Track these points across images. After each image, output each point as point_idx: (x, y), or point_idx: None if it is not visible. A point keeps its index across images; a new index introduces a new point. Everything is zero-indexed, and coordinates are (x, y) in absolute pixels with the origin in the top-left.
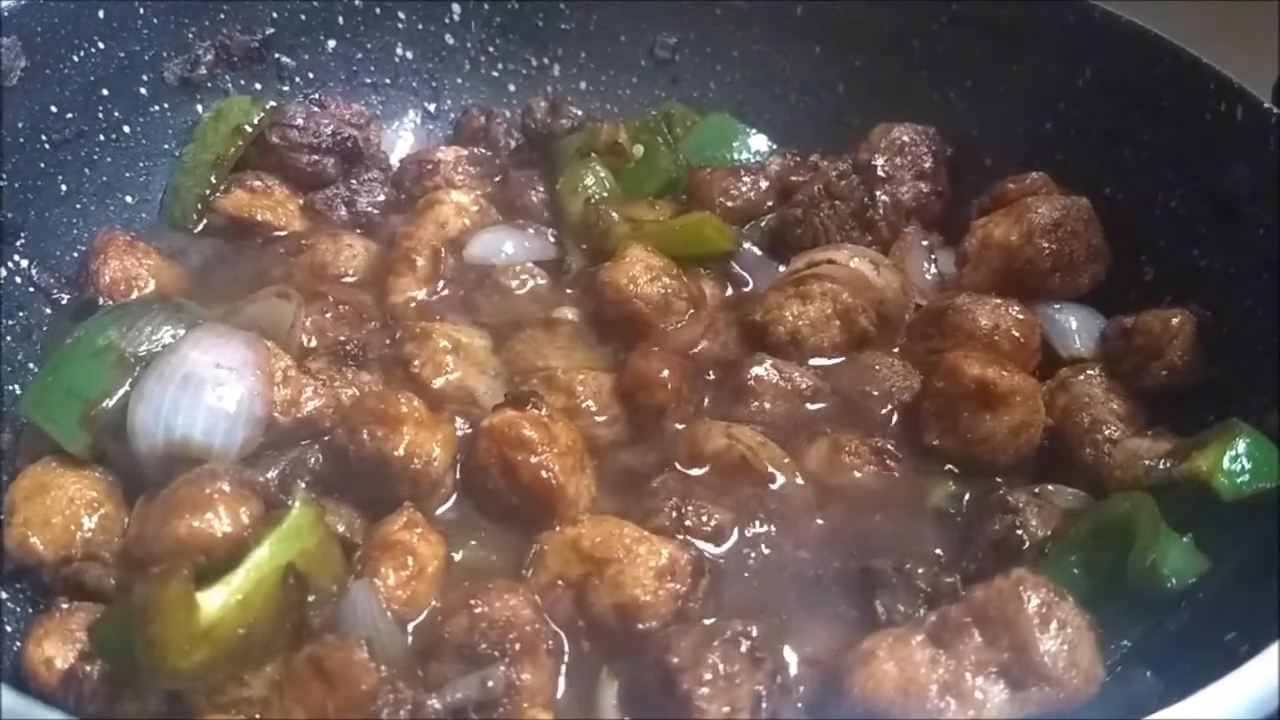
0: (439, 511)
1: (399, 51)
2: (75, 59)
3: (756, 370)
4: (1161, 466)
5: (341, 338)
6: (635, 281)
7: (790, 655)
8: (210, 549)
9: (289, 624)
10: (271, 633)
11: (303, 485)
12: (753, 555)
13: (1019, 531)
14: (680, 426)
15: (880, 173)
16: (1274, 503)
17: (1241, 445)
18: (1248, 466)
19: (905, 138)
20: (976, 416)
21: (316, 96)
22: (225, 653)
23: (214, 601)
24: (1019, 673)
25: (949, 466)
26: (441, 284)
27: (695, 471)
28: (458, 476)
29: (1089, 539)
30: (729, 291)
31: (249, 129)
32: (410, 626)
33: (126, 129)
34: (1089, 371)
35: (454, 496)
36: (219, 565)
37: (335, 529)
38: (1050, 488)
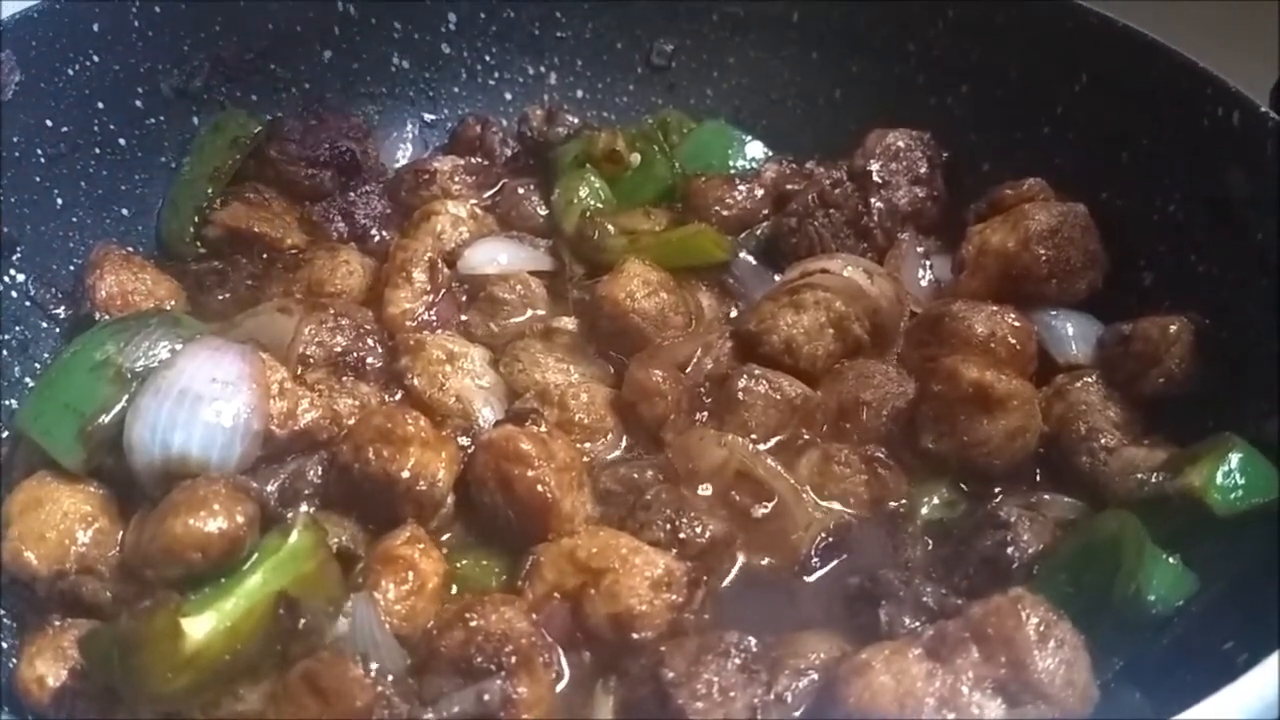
0: (435, 526)
1: (395, 61)
2: (70, 72)
3: (745, 381)
4: (1155, 480)
5: (338, 349)
6: (633, 296)
7: (785, 667)
8: (206, 547)
9: (277, 648)
10: (258, 657)
11: (305, 509)
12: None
13: (1009, 549)
14: (671, 436)
15: (875, 178)
16: (1270, 516)
17: (1235, 460)
18: (1241, 482)
19: (900, 143)
20: (974, 420)
21: (314, 109)
22: (209, 676)
23: (201, 629)
24: (1016, 689)
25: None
26: (438, 295)
27: (700, 490)
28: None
29: (1078, 558)
30: (731, 310)
31: (246, 142)
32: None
33: (122, 142)
34: (1086, 379)
35: (452, 511)
36: (215, 567)
37: (338, 540)
38: (1046, 497)
